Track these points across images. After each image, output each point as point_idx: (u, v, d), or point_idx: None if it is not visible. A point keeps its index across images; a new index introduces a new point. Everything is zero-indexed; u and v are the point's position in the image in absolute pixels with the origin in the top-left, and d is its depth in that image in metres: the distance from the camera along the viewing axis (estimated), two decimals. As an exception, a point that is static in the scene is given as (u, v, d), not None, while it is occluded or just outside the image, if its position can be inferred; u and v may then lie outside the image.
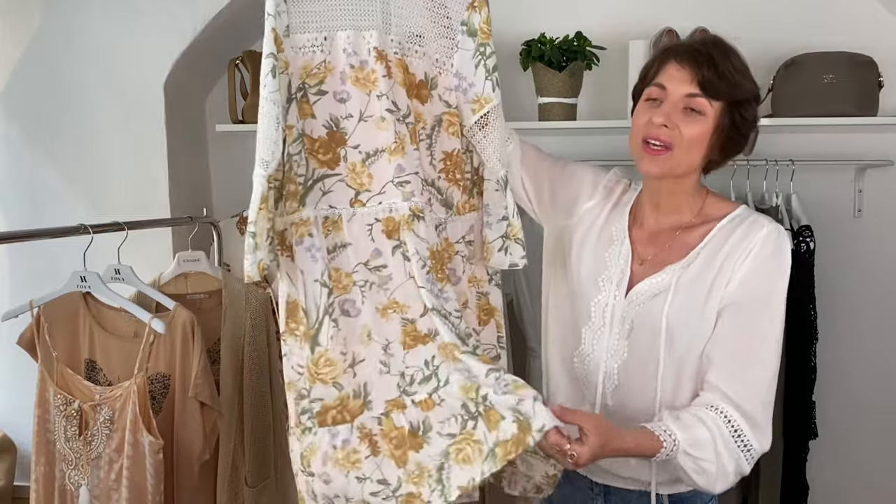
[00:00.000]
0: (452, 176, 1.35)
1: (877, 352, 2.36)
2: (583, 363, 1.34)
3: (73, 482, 1.64)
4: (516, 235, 1.36)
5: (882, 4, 2.28)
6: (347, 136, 1.27)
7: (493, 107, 1.30)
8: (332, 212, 1.27)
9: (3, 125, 2.26)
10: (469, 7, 1.31)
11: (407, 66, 1.29)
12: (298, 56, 1.24)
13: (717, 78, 1.22)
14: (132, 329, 1.69)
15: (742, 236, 1.25)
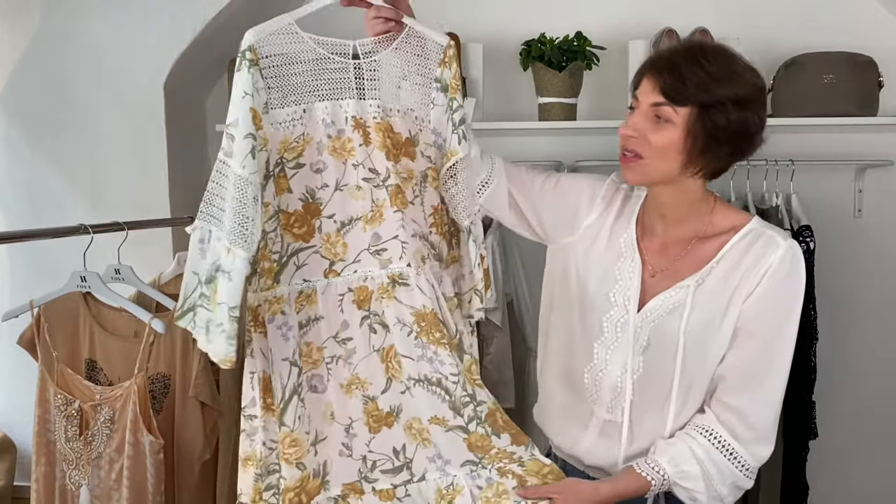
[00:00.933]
0: (440, 229, 1.36)
1: (877, 351, 2.37)
2: (595, 379, 1.33)
3: (74, 482, 1.64)
4: (476, 286, 1.37)
5: (882, 4, 2.28)
6: (322, 206, 1.27)
7: (458, 159, 1.31)
8: (306, 286, 1.26)
9: (3, 125, 2.26)
10: (440, 63, 1.32)
11: (391, 126, 1.29)
12: (278, 131, 1.23)
13: (681, 84, 1.21)
14: (132, 329, 1.69)
15: (760, 254, 1.24)
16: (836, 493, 2.37)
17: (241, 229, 1.15)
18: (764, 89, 1.27)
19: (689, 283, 1.26)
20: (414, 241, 1.29)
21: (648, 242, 1.34)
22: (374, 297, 1.28)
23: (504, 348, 2.22)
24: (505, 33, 2.34)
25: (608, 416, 1.31)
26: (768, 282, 1.23)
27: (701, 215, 1.31)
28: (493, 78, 2.35)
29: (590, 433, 1.34)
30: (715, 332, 1.25)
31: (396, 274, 1.27)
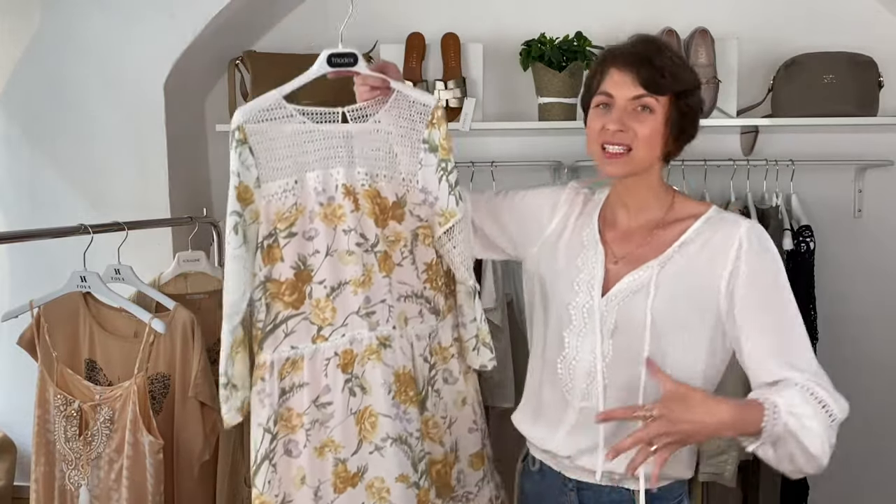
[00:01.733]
0: (436, 284, 1.41)
1: (877, 351, 2.36)
2: (568, 368, 1.35)
3: (73, 482, 1.64)
4: (484, 339, 1.43)
5: (882, 4, 2.28)
6: (314, 272, 1.31)
7: (457, 220, 1.36)
8: (293, 352, 1.31)
9: (3, 125, 2.26)
10: (429, 125, 1.35)
11: (378, 191, 1.34)
12: (271, 203, 1.28)
13: (659, 76, 1.27)
14: (132, 329, 1.69)
15: (724, 236, 1.28)
16: (836, 493, 2.36)
17: (230, 303, 1.24)
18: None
19: (653, 264, 1.30)
20: (399, 303, 1.36)
21: (611, 233, 1.38)
22: (357, 360, 1.33)
23: (504, 348, 2.21)
24: (505, 33, 2.34)
25: (583, 403, 1.32)
26: (748, 263, 1.26)
27: (662, 203, 1.36)
28: (493, 78, 2.35)
29: (566, 424, 1.35)
30: (685, 310, 1.28)
31: (384, 336, 1.34)
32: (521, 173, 2.33)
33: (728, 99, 2.17)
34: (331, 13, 2.41)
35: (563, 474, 1.39)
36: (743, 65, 2.22)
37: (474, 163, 2.25)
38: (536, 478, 1.44)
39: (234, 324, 1.25)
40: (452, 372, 1.44)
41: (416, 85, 2.19)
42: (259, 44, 2.41)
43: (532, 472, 1.45)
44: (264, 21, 2.39)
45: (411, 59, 2.22)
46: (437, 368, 1.43)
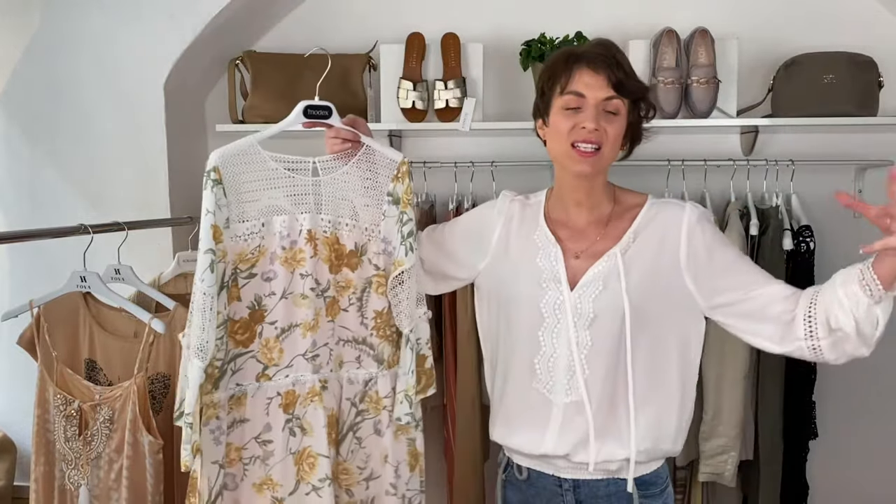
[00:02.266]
0: (383, 332, 1.44)
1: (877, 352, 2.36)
2: (547, 365, 1.37)
3: (73, 482, 1.64)
4: (408, 391, 1.44)
5: (882, 4, 2.28)
6: (267, 312, 1.36)
7: (405, 269, 1.40)
8: (238, 389, 1.35)
9: (3, 125, 2.26)
10: (394, 178, 1.42)
11: (338, 238, 1.40)
12: (237, 244, 1.32)
13: (626, 79, 1.33)
14: (132, 329, 1.69)
15: (672, 218, 1.37)
16: (836, 493, 2.37)
17: (199, 340, 1.26)
18: None
19: (615, 251, 1.36)
20: (338, 347, 1.41)
21: (563, 231, 1.42)
22: (299, 402, 1.37)
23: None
24: (505, 33, 2.34)
25: (567, 398, 1.35)
26: (701, 239, 1.35)
27: (609, 197, 1.43)
28: (493, 78, 2.35)
29: (553, 423, 1.37)
30: (652, 290, 1.34)
31: (324, 379, 1.38)
32: (521, 173, 2.33)
33: (728, 99, 2.17)
34: (331, 13, 2.41)
35: (557, 476, 1.40)
36: (743, 65, 2.22)
37: (474, 163, 2.25)
38: (523, 486, 1.45)
39: (207, 362, 1.27)
40: (383, 424, 1.46)
41: (417, 85, 2.19)
42: (259, 44, 2.41)
43: (518, 481, 1.46)
44: (264, 21, 2.39)
45: (411, 59, 2.22)
46: (365, 417, 1.45)
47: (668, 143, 2.24)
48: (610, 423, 1.35)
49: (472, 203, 2.24)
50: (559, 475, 1.40)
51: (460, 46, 2.22)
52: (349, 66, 2.26)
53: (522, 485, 1.45)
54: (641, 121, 1.41)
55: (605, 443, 1.35)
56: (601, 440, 1.35)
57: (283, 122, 1.37)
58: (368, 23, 2.38)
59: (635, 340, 1.33)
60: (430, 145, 2.41)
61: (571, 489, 1.39)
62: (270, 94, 2.21)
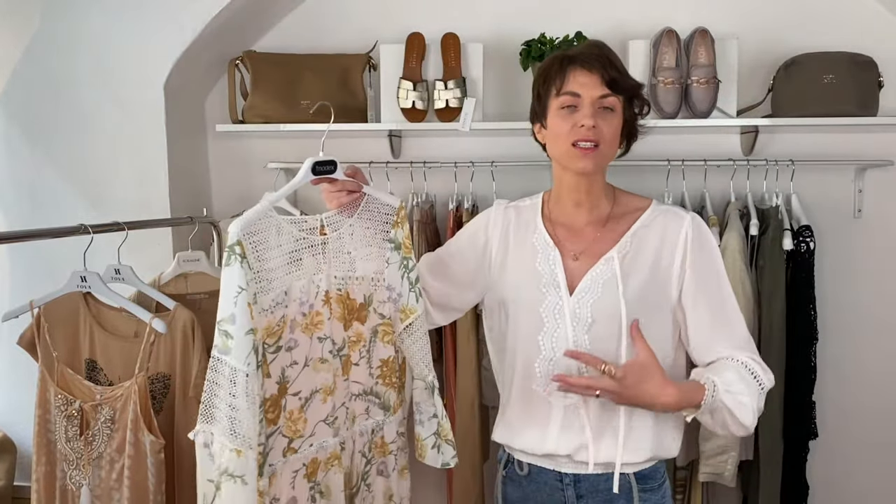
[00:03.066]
0: (389, 380, 1.42)
1: (876, 352, 2.36)
2: (546, 370, 1.38)
3: (75, 482, 1.64)
4: (447, 436, 1.42)
5: (882, 4, 2.28)
6: (290, 384, 1.28)
7: (416, 316, 1.38)
8: (269, 470, 1.25)
9: (3, 125, 2.26)
10: (393, 225, 1.39)
11: (349, 294, 1.35)
12: (264, 318, 1.22)
13: (620, 77, 1.35)
14: (132, 329, 1.69)
15: (672, 226, 1.39)
16: (836, 493, 2.37)
17: (248, 429, 1.15)
18: None
19: (613, 254, 1.37)
20: (351, 403, 1.37)
21: (562, 232, 1.43)
22: (320, 468, 1.33)
23: (504, 348, 2.22)
24: (505, 33, 2.34)
25: (566, 400, 1.37)
26: (692, 252, 1.37)
27: (609, 198, 1.44)
28: (493, 78, 2.35)
29: (554, 423, 1.39)
30: (648, 295, 1.36)
31: (342, 441, 1.36)
32: (521, 173, 2.33)
33: (728, 99, 2.17)
34: (331, 13, 2.41)
35: (557, 471, 1.42)
36: (743, 65, 2.22)
37: (474, 163, 2.25)
38: (523, 482, 1.46)
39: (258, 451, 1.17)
40: (388, 466, 1.45)
41: (417, 85, 2.19)
42: (259, 44, 2.41)
43: (519, 476, 1.47)
44: (264, 21, 2.39)
45: (411, 59, 2.22)
46: (372, 463, 1.43)
47: (668, 143, 2.25)
48: (607, 424, 1.36)
49: (473, 203, 2.24)
50: (560, 470, 1.41)
51: (460, 46, 2.22)
52: (349, 66, 2.26)
53: (523, 480, 1.46)
54: (636, 118, 1.42)
55: (605, 444, 1.37)
56: (600, 442, 1.36)
57: (292, 181, 1.31)
58: (368, 23, 2.38)
59: (630, 346, 1.34)
60: (430, 145, 2.40)
61: (572, 483, 1.40)
62: (270, 94, 2.21)
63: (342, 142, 2.39)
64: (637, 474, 1.39)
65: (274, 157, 2.37)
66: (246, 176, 2.44)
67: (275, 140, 2.41)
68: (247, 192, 2.40)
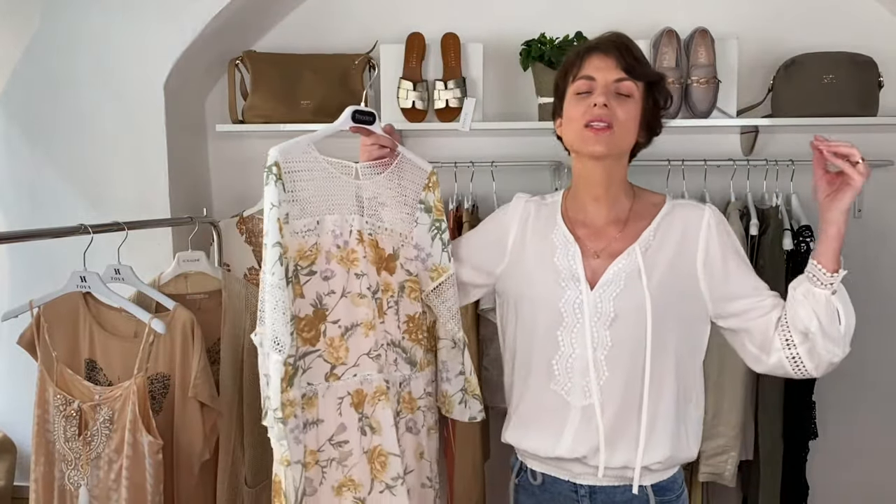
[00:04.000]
0: (415, 336, 1.46)
1: (877, 351, 2.36)
2: (565, 367, 1.35)
3: (73, 482, 1.64)
4: (474, 391, 1.49)
5: (882, 4, 2.28)
6: (328, 311, 1.35)
7: (448, 275, 1.45)
8: (309, 389, 1.33)
9: (3, 125, 2.26)
10: (425, 188, 1.47)
11: (377, 242, 1.41)
12: (295, 240, 1.32)
13: (636, 62, 1.34)
14: (132, 329, 1.69)
15: (692, 220, 1.38)
16: (836, 493, 2.37)
17: (273, 334, 1.24)
18: None
19: (634, 249, 1.35)
20: (386, 349, 1.41)
21: (582, 230, 1.41)
22: (367, 400, 1.37)
23: (504, 348, 2.22)
24: (505, 33, 2.34)
25: (585, 401, 1.33)
26: (718, 243, 1.36)
27: (628, 195, 1.42)
28: (493, 78, 2.35)
29: (570, 426, 1.35)
30: (672, 289, 1.34)
31: (387, 379, 1.38)
32: (521, 173, 2.33)
33: (728, 99, 2.17)
34: (331, 13, 2.41)
35: (572, 482, 1.38)
36: (743, 65, 2.22)
37: (474, 163, 2.25)
38: (536, 491, 1.43)
39: (286, 355, 1.24)
40: (416, 423, 1.47)
41: (417, 85, 2.19)
42: (259, 44, 2.41)
43: (532, 486, 1.44)
44: (264, 21, 2.39)
45: (411, 59, 2.22)
46: (401, 417, 1.45)
47: (668, 143, 2.23)
48: (626, 428, 1.33)
49: (473, 203, 2.24)
50: (575, 481, 1.38)
51: (460, 46, 2.22)
52: (349, 65, 2.26)
53: (536, 490, 1.43)
54: (658, 109, 1.39)
55: (621, 449, 1.33)
56: (616, 446, 1.33)
57: (333, 123, 1.39)
58: (368, 23, 2.38)
59: (655, 342, 1.31)
60: (430, 145, 2.41)
61: (587, 495, 1.37)
62: (270, 94, 2.21)
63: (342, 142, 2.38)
64: (655, 486, 1.35)
65: (274, 157, 2.37)
66: (246, 176, 2.44)
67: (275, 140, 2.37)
68: (247, 192, 2.40)
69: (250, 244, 2.29)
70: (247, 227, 2.29)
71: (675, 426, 1.34)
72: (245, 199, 2.39)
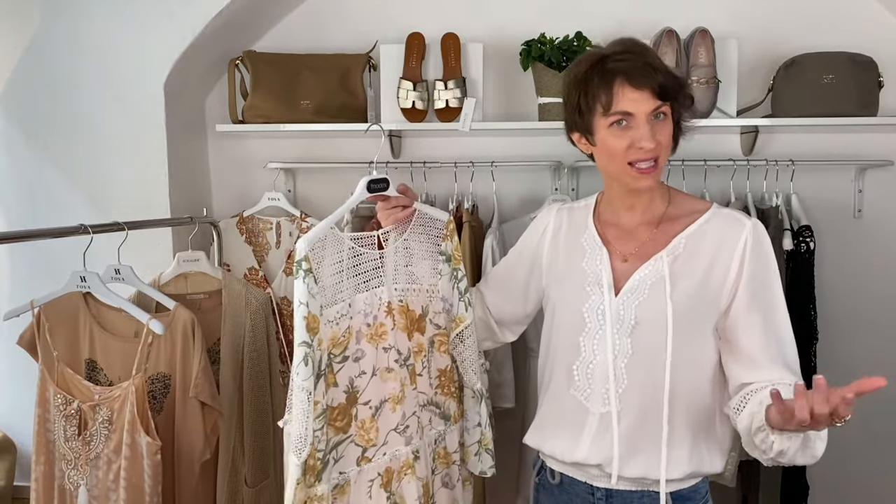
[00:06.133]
0: (448, 390, 1.46)
1: (876, 351, 2.36)
2: (585, 372, 1.34)
3: (73, 482, 1.64)
4: (487, 445, 1.49)
5: (882, 4, 2.28)
6: (359, 393, 1.34)
7: (466, 325, 1.44)
8: (341, 478, 1.32)
9: (3, 125, 2.26)
10: (444, 238, 1.46)
11: (408, 306, 1.40)
12: (329, 329, 1.30)
13: (667, 83, 1.28)
14: (132, 329, 1.69)
15: (731, 233, 1.31)
16: (836, 493, 2.36)
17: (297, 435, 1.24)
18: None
19: (662, 255, 1.32)
20: (421, 412, 1.40)
21: (612, 232, 1.40)
22: (395, 477, 1.36)
23: (504, 348, 2.21)
24: (505, 33, 2.34)
25: (604, 408, 1.32)
26: (750, 263, 1.29)
27: (663, 199, 1.39)
28: (493, 78, 2.35)
29: (587, 431, 1.34)
30: (699, 301, 1.30)
31: (416, 449, 1.37)
32: (521, 173, 2.33)
33: (728, 99, 2.17)
34: (331, 13, 2.41)
35: (589, 484, 1.37)
36: (743, 65, 2.22)
37: (474, 163, 2.25)
38: (556, 491, 1.43)
39: (304, 457, 1.24)
40: (452, 477, 1.48)
41: (417, 85, 2.19)
42: (259, 44, 2.41)
43: (551, 485, 1.44)
44: (264, 21, 2.39)
45: (411, 59, 2.22)
46: (436, 473, 1.46)
47: (668, 143, 2.24)
48: (644, 439, 1.30)
49: (473, 203, 2.24)
50: (592, 483, 1.37)
51: (460, 46, 2.22)
52: (349, 66, 2.26)
53: (555, 489, 1.43)
54: (683, 113, 1.35)
55: (638, 460, 1.30)
56: (632, 456, 1.30)
57: (349, 200, 1.38)
58: (368, 23, 2.38)
59: (676, 353, 1.28)
60: (430, 145, 2.40)
61: (604, 498, 1.36)
62: (270, 94, 2.21)
63: (342, 142, 2.39)
64: (674, 494, 1.32)
65: (274, 157, 2.37)
66: (246, 176, 2.44)
67: (275, 140, 2.41)
68: (247, 192, 2.40)
69: (250, 244, 2.29)
70: (247, 227, 2.29)
71: (695, 441, 1.31)
72: (245, 199, 2.39)
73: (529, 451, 2.19)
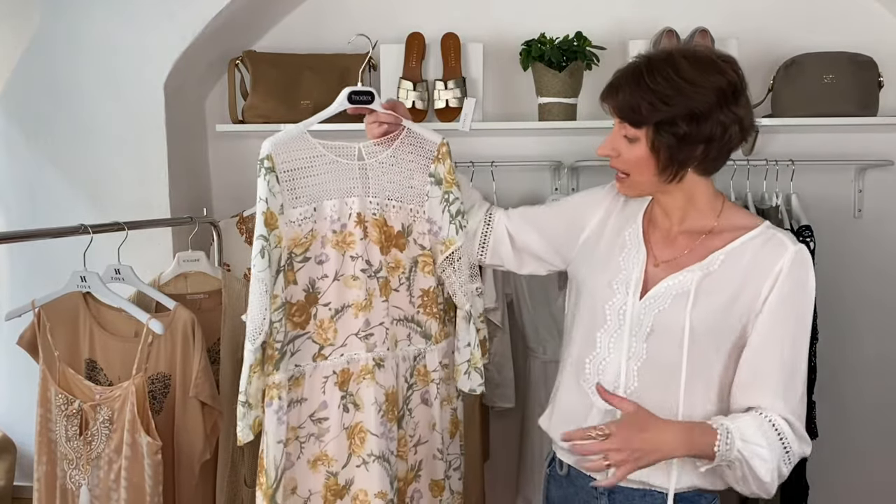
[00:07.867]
0: (430, 310, 1.49)
1: (876, 352, 2.36)
2: (596, 368, 1.34)
3: (74, 482, 1.64)
4: (476, 364, 1.51)
5: (882, 4, 2.28)
6: (320, 294, 1.39)
7: (457, 248, 1.46)
8: (297, 370, 1.39)
9: (3, 125, 2.26)
10: (434, 160, 1.47)
11: (385, 220, 1.43)
12: (291, 229, 1.36)
13: (629, 109, 1.26)
14: (132, 329, 1.69)
15: (770, 255, 1.27)
16: (836, 493, 2.36)
17: (252, 323, 1.30)
18: (729, 85, 1.28)
19: (694, 269, 1.29)
20: (393, 326, 1.44)
21: (656, 234, 1.38)
22: (353, 379, 1.41)
23: (504, 348, 2.22)
24: (505, 33, 2.34)
25: (607, 406, 1.30)
26: (783, 289, 1.25)
27: (706, 213, 1.34)
28: (493, 78, 2.35)
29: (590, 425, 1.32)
30: (722, 321, 1.27)
31: (379, 357, 1.41)
32: (521, 173, 2.33)
33: (728, 99, 2.17)
34: (331, 13, 2.41)
35: (592, 477, 1.36)
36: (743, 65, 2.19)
37: (474, 163, 2.25)
38: (564, 482, 1.43)
39: (257, 344, 1.31)
40: (430, 395, 1.51)
41: (417, 85, 2.19)
42: (259, 44, 2.41)
43: (559, 476, 1.44)
44: (264, 21, 2.39)
45: (411, 59, 2.22)
46: (414, 389, 1.50)
47: (668, 143, 2.24)
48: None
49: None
50: (596, 477, 1.35)
51: (460, 46, 2.22)
52: (349, 66, 2.26)
53: (563, 481, 1.44)
54: (683, 143, 1.25)
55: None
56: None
57: (329, 108, 1.41)
58: (368, 23, 2.38)
59: (691, 369, 1.26)
60: (430, 145, 2.40)
61: (606, 494, 1.35)
62: (270, 94, 2.21)
63: (342, 142, 2.38)
64: (678, 496, 1.29)
65: (274, 157, 2.37)
66: (246, 176, 2.44)
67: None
68: (247, 192, 2.39)
69: (250, 244, 2.29)
70: (247, 227, 2.29)
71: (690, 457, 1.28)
72: (245, 198, 2.38)
73: (529, 450, 2.21)
